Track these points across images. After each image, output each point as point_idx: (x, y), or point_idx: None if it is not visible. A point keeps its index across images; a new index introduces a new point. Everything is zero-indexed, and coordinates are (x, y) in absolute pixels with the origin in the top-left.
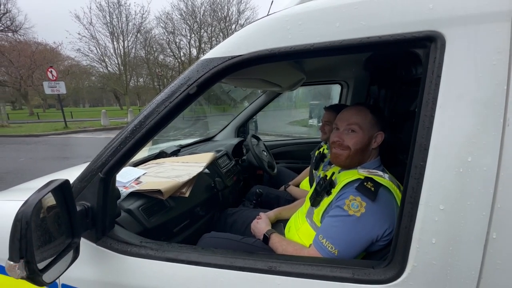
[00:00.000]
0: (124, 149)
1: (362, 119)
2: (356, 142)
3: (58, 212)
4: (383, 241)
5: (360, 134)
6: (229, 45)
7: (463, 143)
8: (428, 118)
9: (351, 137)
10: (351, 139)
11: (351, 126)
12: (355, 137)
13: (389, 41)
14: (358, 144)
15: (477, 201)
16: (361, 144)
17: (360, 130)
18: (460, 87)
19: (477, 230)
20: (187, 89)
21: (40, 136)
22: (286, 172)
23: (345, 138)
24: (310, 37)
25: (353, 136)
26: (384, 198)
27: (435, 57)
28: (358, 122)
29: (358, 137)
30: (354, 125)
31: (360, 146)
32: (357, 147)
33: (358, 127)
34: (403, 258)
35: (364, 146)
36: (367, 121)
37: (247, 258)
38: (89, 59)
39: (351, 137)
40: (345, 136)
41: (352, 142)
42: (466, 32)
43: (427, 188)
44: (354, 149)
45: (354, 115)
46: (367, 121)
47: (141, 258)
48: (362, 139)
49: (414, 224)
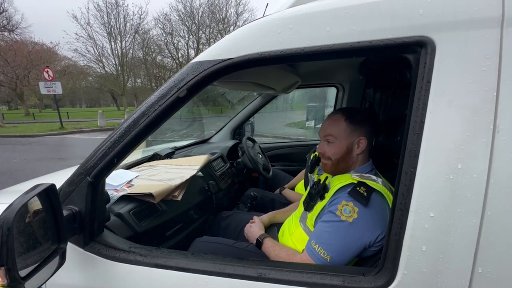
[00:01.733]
0: (113, 153)
1: (336, 129)
2: (335, 152)
3: (44, 217)
4: (375, 247)
5: (337, 144)
6: (219, 48)
7: (453, 149)
8: (418, 124)
9: (330, 147)
10: (330, 149)
11: (327, 137)
12: (333, 147)
13: (379, 46)
14: (336, 154)
15: (467, 208)
16: (340, 154)
17: (336, 140)
18: (450, 93)
19: (467, 238)
20: (177, 92)
21: (35, 136)
22: (282, 175)
23: (326, 149)
24: (300, 41)
25: (331, 146)
26: (376, 203)
27: (425, 62)
28: (332, 133)
29: (335, 147)
30: (329, 136)
31: (340, 155)
32: (337, 157)
33: (333, 137)
34: (394, 265)
35: (344, 155)
36: (342, 130)
37: (236, 265)
38: (86, 59)
39: (329, 148)
40: (325, 147)
41: (331, 153)
42: (456, 38)
43: (417, 194)
44: (335, 159)
45: (329, 125)
46: (341, 130)
47: (130, 264)
48: (340, 149)
49: (405, 231)
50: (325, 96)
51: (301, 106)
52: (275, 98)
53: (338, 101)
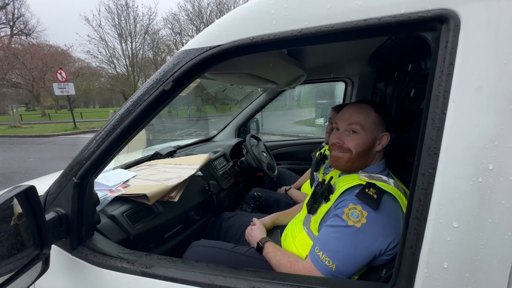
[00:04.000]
0: (99, 152)
1: (364, 118)
2: (358, 144)
3: (24, 220)
4: (387, 255)
5: (362, 135)
6: (207, 35)
7: (483, 146)
8: (439, 116)
9: (352, 138)
10: (352, 140)
11: (352, 126)
12: (357, 138)
13: (390, 24)
14: (360, 146)
15: (500, 218)
16: (364, 147)
17: (362, 131)
18: (479, 77)
19: (500, 254)
20: (162, 85)
21: (50, 136)
22: (288, 174)
23: (346, 140)
24: (297, 22)
25: (355, 137)
26: (388, 206)
27: (446, 41)
28: (360, 122)
29: (360, 138)
30: (355, 125)
31: (362, 149)
32: (359, 150)
33: (360, 127)
34: (408, 283)
35: (367, 149)
36: (371, 120)
37: (228, 276)
38: (98, 60)
39: (352, 138)
40: (345, 137)
41: (354, 144)
42: (486, 9)
43: (437, 200)
44: (356, 152)
45: (356, 113)
46: (370, 120)
47: (117, 272)
48: (365, 141)
49: (422, 244)
50: (334, 92)
51: (310, 104)
52: (281, 95)
53: (347, 97)
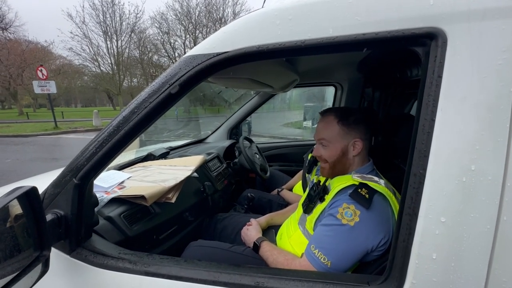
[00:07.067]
0: (101, 153)
1: (329, 132)
2: (330, 155)
3: (25, 222)
4: (378, 251)
5: (331, 147)
6: (214, 41)
7: (466, 149)
8: (428, 122)
9: (325, 151)
10: (325, 152)
11: (321, 141)
12: (328, 150)
13: (386, 38)
14: (332, 156)
15: (481, 213)
16: (336, 156)
17: (329, 143)
18: (463, 89)
19: (481, 245)
20: (168, 88)
21: (29, 136)
22: (280, 175)
23: (321, 152)
24: (301, 33)
25: (326, 150)
26: (379, 205)
27: (435, 55)
28: (325, 137)
29: (329, 150)
30: (322, 140)
31: (335, 158)
32: (333, 159)
33: (327, 141)
34: (401, 274)
35: (339, 157)
36: (335, 133)
37: (232, 273)
38: (82, 58)
39: (324, 151)
40: (320, 150)
41: (327, 156)
42: (470, 29)
43: (427, 198)
44: (331, 162)
45: (321, 129)
46: (334, 133)
47: (119, 272)
48: (334, 152)
49: (413, 238)
50: (323, 95)
51: (298, 106)
52: (272, 97)
53: (337, 101)
